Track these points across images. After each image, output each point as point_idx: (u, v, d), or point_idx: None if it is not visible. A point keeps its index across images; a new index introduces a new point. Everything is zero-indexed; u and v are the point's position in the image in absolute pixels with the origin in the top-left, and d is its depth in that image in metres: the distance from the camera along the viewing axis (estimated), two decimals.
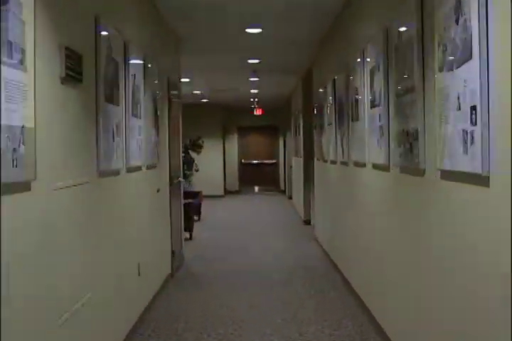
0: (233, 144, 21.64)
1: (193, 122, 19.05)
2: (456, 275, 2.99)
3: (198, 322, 5.42)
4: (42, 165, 2.84)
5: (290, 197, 18.05)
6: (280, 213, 14.80)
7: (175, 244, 7.55)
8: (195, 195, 13.57)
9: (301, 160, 12.73)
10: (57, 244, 3.12)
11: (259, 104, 19.00)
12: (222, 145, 19.87)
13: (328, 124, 7.75)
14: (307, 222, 12.35)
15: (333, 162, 7.51)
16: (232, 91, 15.45)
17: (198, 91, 15.46)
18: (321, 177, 9.25)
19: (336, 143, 7.11)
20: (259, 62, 10.54)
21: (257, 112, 20.99)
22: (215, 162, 19.43)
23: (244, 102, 18.83)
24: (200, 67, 11.17)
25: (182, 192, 8.40)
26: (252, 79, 12.84)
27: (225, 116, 20.77)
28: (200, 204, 13.38)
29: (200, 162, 18.88)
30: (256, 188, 21.94)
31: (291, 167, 18.34)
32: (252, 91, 15.50)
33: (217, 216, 14.33)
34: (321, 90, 8.71)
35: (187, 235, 10.59)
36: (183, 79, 12.97)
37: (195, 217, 13.36)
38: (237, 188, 21.54)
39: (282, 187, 21.35)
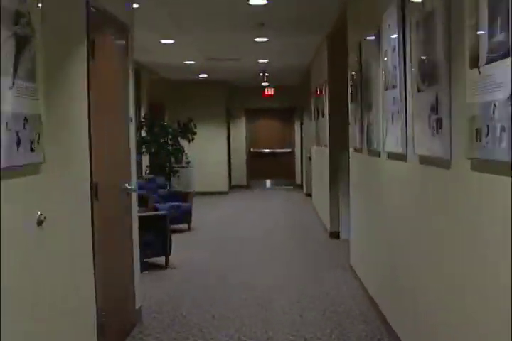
0: (240, 130, 18.23)
1: (187, 103, 15.72)
2: None
3: None
4: None
5: (309, 195, 14.66)
6: (297, 218, 11.41)
7: (107, 303, 4.19)
8: (184, 196, 10.24)
9: (327, 150, 9.34)
10: None
11: (270, 79, 15.58)
12: (226, 131, 16.48)
13: (386, 89, 4.35)
14: (335, 235, 8.98)
15: (396, 156, 4.13)
16: (234, 61, 12.04)
17: (190, 61, 12.05)
18: (363, 176, 5.89)
19: (406, 122, 3.75)
20: (266, 5, 7.11)
21: (268, 92, 17.72)
22: (217, 151, 16.05)
23: (251, 79, 15.42)
24: (182, 16, 7.79)
25: (134, 204, 5.05)
26: (258, 39, 9.42)
27: (229, 97, 17.36)
28: (191, 208, 10.05)
29: (197, 152, 15.53)
30: (268, 182, 18.54)
31: (309, 158, 14.95)
32: (260, 61, 12.07)
33: (215, 222, 10.98)
34: (367, 39, 5.33)
35: (161, 261, 7.26)
36: (164, 41, 9.59)
37: (185, 226, 10.05)
38: (245, 182, 18.16)
39: (298, 181, 17.95)
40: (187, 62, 12.08)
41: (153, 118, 11.87)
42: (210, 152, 15.92)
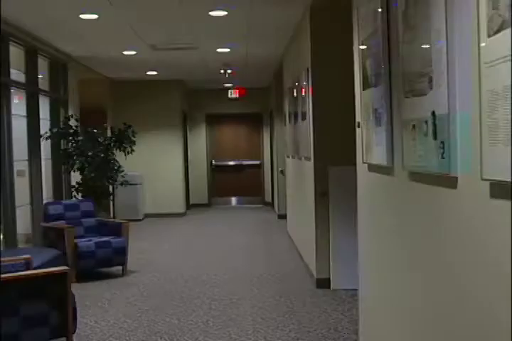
0: (200, 139, 15.57)
1: (134, 108, 13.10)
2: None
3: None
4: None
5: (282, 216, 12.10)
6: (270, 255, 8.81)
7: None
8: (117, 228, 7.58)
9: (310, 164, 6.78)
10: None
11: (234, 80, 13.06)
12: (182, 141, 13.81)
13: (498, 31, 1.79)
14: (323, 284, 6.43)
15: None
16: (187, 52, 9.47)
17: (130, 52, 9.42)
18: (400, 217, 3.32)
19: None
20: None
21: (235, 94, 15.32)
22: (171, 165, 13.36)
23: (212, 79, 12.90)
24: None
25: None
26: (214, 13, 6.86)
27: (186, 100, 14.79)
28: (126, 244, 7.39)
29: (147, 166, 12.96)
30: (233, 200, 15.87)
31: (281, 172, 12.42)
32: (220, 50, 9.50)
33: (160, 260, 8.31)
34: None
35: None
36: (84, 16, 7.00)
37: (119, 269, 7.40)
38: (206, 201, 15.52)
39: (268, 199, 15.35)
40: (126, 52, 9.45)
41: (86, 126, 9.21)
42: (163, 166, 13.26)
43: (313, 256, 6.68)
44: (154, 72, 11.96)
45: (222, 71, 11.67)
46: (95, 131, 8.37)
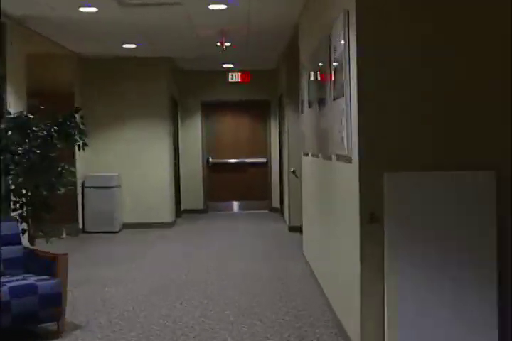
0: (194, 132, 12.93)
1: (109, 92, 10.58)
2: None
3: None
4: None
5: (294, 229, 9.56)
6: (282, 294, 6.20)
7: None
8: (50, 262, 4.98)
9: (353, 168, 4.16)
10: None
11: (235, 59, 10.53)
12: (171, 134, 11.19)
13: None
14: None
15: None
16: (168, 9, 6.89)
17: (90, 9, 6.80)
18: None
19: None
20: None
21: (234, 78, 12.85)
22: (156, 163, 10.74)
23: (207, 55, 10.34)
24: None
25: None
26: None
27: (177, 84, 12.21)
28: (60, 291, 4.79)
29: (125, 164, 10.46)
30: (234, 205, 13.25)
31: (293, 172, 9.90)
32: (213, 7, 6.89)
33: (120, 307, 5.70)
34: None
35: None
36: None
37: (54, 326, 4.82)
38: (201, 206, 12.91)
39: (276, 204, 12.71)
40: (84, 9, 6.85)
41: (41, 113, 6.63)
42: (147, 164, 10.67)
43: (355, 317, 4.10)
44: (132, 45, 9.36)
45: (218, 44, 9.10)
46: (30, 116, 5.78)
